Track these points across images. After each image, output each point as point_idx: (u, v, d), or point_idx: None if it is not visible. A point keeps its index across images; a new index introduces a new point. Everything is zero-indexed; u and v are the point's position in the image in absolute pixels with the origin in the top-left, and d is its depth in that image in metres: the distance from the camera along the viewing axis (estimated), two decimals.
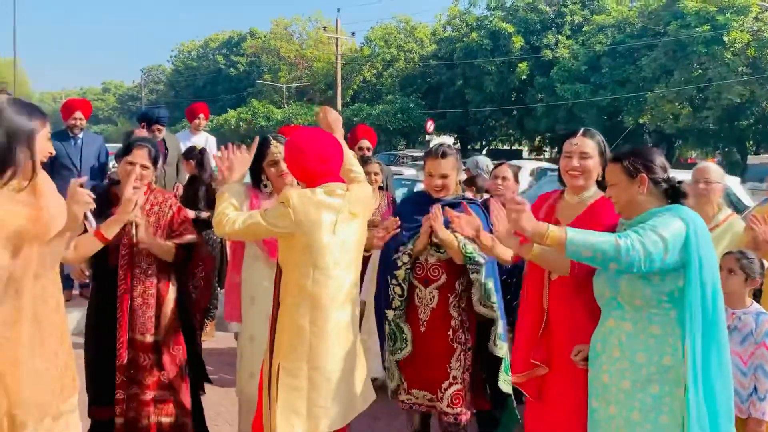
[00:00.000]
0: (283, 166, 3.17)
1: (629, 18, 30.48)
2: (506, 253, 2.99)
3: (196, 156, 5.66)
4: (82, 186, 2.32)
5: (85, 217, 2.27)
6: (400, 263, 3.33)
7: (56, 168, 5.83)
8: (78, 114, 6.05)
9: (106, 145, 6.33)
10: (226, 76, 57.63)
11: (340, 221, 2.71)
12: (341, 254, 2.72)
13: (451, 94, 36.42)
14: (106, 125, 69.10)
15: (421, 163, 3.91)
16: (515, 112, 34.98)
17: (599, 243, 2.23)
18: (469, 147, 38.47)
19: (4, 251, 1.97)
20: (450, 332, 3.33)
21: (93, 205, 2.31)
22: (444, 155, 3.32)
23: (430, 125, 32.65)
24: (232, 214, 2.72)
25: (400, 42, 41.63)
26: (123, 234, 3.12)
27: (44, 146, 2.22)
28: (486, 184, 4.44)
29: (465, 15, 36.72)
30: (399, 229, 3.25)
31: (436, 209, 3.19)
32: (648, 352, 2.32)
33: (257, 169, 3.33)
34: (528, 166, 15.88)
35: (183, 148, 6.23)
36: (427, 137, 34.13)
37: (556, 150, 38.23)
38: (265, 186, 3.38)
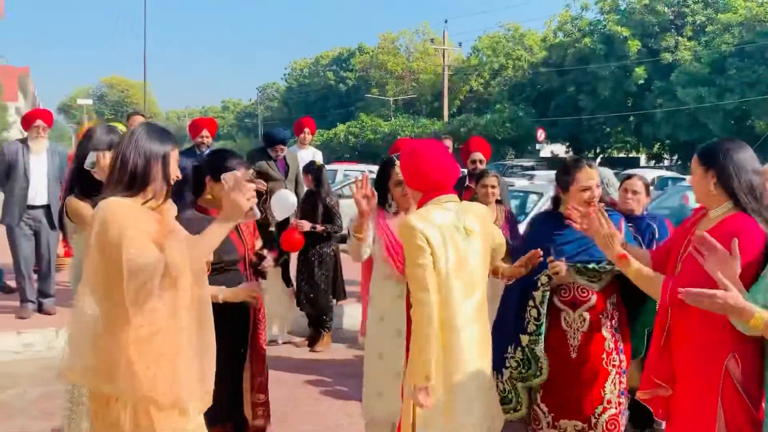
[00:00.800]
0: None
1: (759, 15, 28.74)
2: None
3: (314, 171, 5.85)
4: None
5: (250, 207, 2.25)
6: (539, 284, 3.17)
7: (186, 185, 6.41)
8: (205, 132, 6.31)
9: None
10: (335, 91, 59.59)
11: (457, 238, 2.66)
12: (464, 272, 2.66)
13: (562, 101, 35.83)
14: (225, 141, 73.34)
15: (532, 173, 3.77)
16: (632, 118, 33.85)
17: None
18: (582, 155, 37.44)
19: (153, 245, 2.12)
20: (604, 355, 3.16)
21: (255, 200, 2.31)
22: (590, 165, 3.20)
23: (540, 134, 32.24)
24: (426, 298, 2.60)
25: (509, 50, 41.45)
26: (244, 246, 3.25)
27: (174, 169, 2.34)
28: (608, 197, 4.06)
29: (577, 20, 36.12)
30: (540, 258, 3.04)
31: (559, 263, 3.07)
32: None
33: (382, 189, 3.35)
34: (648, 175, 15.40)
35: None
36: (538, 146, 33.75)
37: (677, 157, 36.49)
38: (390, 206, 3.38)
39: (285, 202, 5.12)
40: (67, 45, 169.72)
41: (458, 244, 2.64)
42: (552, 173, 20.04)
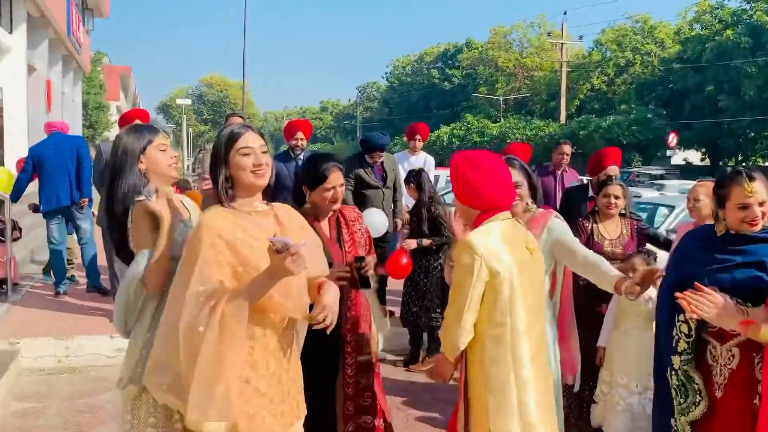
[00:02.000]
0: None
1: None
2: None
3: (414, 179, 5.84)
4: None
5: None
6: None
7: (278, 188, 6.52)
8: (299, 135, 6.46)
9: None
10: (440, 90, 59.78)
11: (523, 259, 2.70)
12: (531, 296, 2.71)
13: (699, 101, 34.06)
14: (323, 143, 75.34)
15: (662, 182, 3.60)
16: None
17: None
18: (721, 163, 35.51)
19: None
20: (756, 400, 2.88)
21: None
22: (752, 178, 2.84)
23: (672, 138, 30.78)
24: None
25: (636, 44, 39.99)
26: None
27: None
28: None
29: (717, 10, 34.24)
30: (660, 275, 2.98)
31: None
32: None
33: None
34: None
35: (401, 169, 6.71)
36: (669, 152, 32.24)
37: None
38: None
39: (373, 225, 5.12)
40: (167, 44, 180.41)
41: (525, 264, 2.69)
42: (685, 183, 19.17)
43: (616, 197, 4.50)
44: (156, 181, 2.67)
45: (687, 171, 32.78)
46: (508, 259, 2.67)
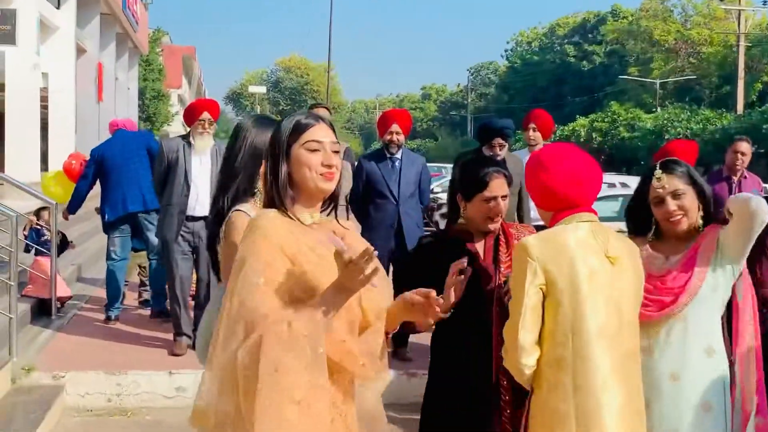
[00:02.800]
0: (670, 205, 3.18)
1: None
2: None
3: None
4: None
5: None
6: None
7: (370, 194, 6.53)
8: (395, 128, 6.48)
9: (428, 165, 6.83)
10: (576, 71, 58.95)
11: (596, 266, 2.77)
12: (606, 315, 2.76)
13: None
14: (423, 140, 75.71)
15: None
16: None
17: None
18: None
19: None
20: None
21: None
22: None
23: None
24: None
25: None
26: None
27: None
28: None
29: None
30: None
31: None
32: None
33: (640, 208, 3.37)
34: None
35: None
36: None
37: None
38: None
39: None
40: (238, 21, 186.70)
41: (600, 275, 2.76)
42: None
43: None
44: None
45: None
46: (576, 268, 2.74)
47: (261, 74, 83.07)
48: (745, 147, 6.83)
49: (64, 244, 7.95)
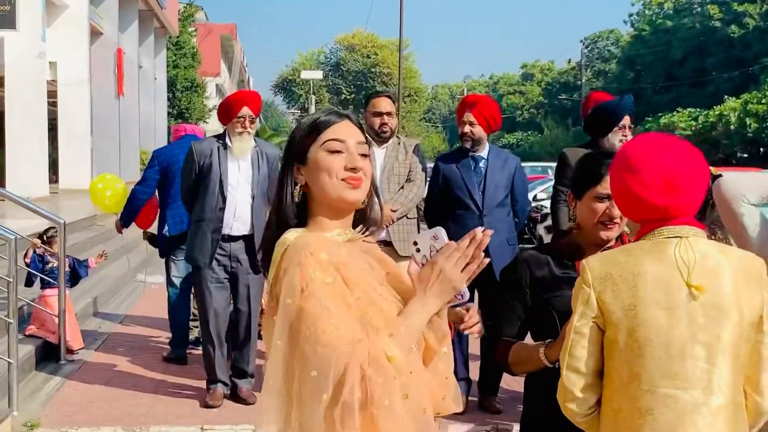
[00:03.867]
0: None
1: None
2: None
3: None
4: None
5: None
6: None
7: (451, 203, 6.63)
8: (467, 117, 6.57)
9: (529, 165, 6.85)
10: (724, 38, 56.75)
11: (674, 300, 2.77)
12: (679, 356, 2.77)
13: None
14: (524, 132, 75.12)
15: None
16: None
17: None
18: None
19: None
20: None
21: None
22: None
23: None
24: None
25: None
26: None
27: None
28: None
29: None
30: None
31: None
32: None
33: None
34: None
35: None
36: None
37: None
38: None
39: None
40: None
41: (675, 309, 2.75)
42: None
43: None
44: None
45: None
46: (631, 296, 2.78)
47: (318, 56, 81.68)
48: None
49: (75, 274, 8.00)
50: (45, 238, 7.87)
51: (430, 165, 6.86)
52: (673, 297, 2.77)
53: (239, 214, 6.30)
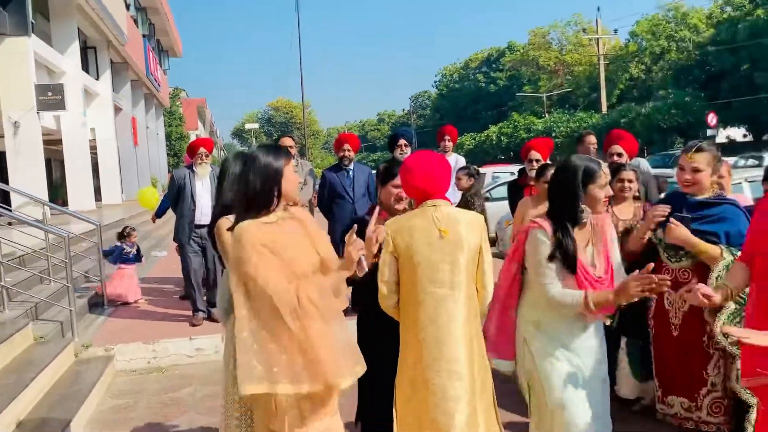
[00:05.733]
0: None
1: None
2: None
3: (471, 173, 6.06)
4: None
5: (359, 261, 2.43)
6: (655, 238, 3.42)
7: (333, 197, 6.56)
8: (346, 146, 6.58)
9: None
10: (486, 93, 59.24)
11: (431, 239, 2.82)
12: (430, 271, 2.80)
13: (736, 81, 32.61)
14: (383, 152, 75.70)
15: None
16: None
17: None
18: (764, 138, 33.89)
19: (280, 276, 2.29)
20: (705, 338, 3.23)
21: (365, 252, 2.47)
22: (699, 150, 3.30)
23: (712, 118, 29.56)
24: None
25: (670, 32, 38.61)
26: None
27: (292, 177, 2.48)
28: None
29: None
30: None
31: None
32: None
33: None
34: None
35: None
36: (710, 132, 31.01)
37: None
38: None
39: None
40: (236, 75, 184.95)
41: (432, 244, 2.80)
42: (727, 160, 18.70)
43: (629, 181, 4.47)
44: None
45: (729, 148, 31.47)
46: (414, 238, 2.83)
47: (257, 114, 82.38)
48: (592, 139, 6.77)
49: (138, 255, 7.96)
50: (124, 234, 7.90)
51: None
52: (431, 237, 2.86)
53: (204, 211, 6.31)
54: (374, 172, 5.27)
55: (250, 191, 2.39)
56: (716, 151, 3.37)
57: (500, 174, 16.19)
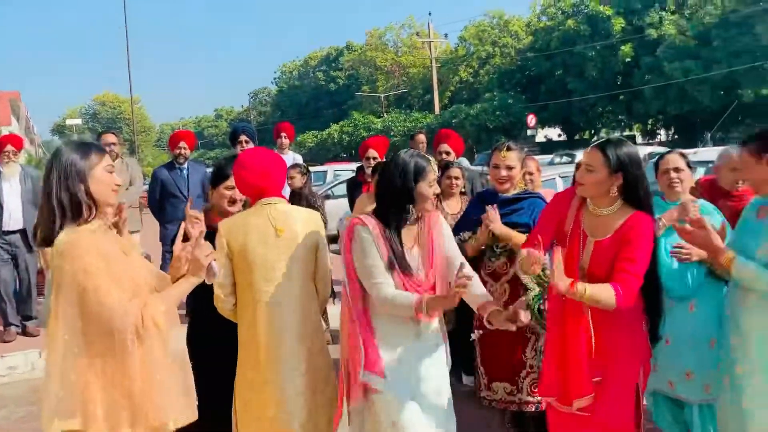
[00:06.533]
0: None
1: None
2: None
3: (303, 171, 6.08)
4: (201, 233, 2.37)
5: (209, 266, 2.30)
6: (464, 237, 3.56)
7: (165, 196, 6.35)
8: (182, 144, 6.39)
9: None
10: (326, 91, 59.63)
11: (267, 238, 2.78)
12: (266, 271, 2.76)
13: (552, 85, 35.79)
14: (221, 150, 73.43)
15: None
16: (622, 97, 33.79)
17: (762, 284, 2.62)
18: (576, 137, 37.51)
19: (116, 291, 2.07)
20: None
21: (215, 257, 2.37)
22: (509, 148, 3.53)
23: (531, 119, 32.21)
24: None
25: (495, 38, 41.39)
26: None
27: (104, 178, 2.21)
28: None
29: (559, 2, 36.04)
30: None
31: (491, 209, 3.38)
32: None
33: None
34: (639, 151, 15.03)
35: None
36: (530, 132, 33.74)
37: (672, 132, 36.38)
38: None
39: None
40: (58, 67, 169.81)
41: (267, 243, 2.76)
42: (544, 157, 20.40)
43: (456, 177, 4.77)
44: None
45: (547, 147, 34.48)
46: (248, 237, 2.77)
47: (80, 109, 76.31)
48: (422, 137, 7.01)
49: None
50: None
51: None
52: (267, 236, 2.80)
53: (14, 216, 5.77)
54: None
55: (56, 195, 2.11)
56: (522, 148, 3.66)
57: (341, 172, 16.44)
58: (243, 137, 6.04)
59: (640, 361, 2.68)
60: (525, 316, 2.53)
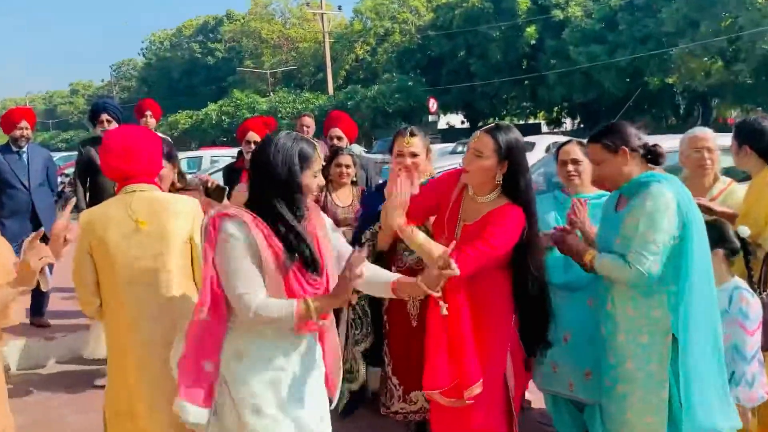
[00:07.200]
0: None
1: None
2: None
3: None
4: (45, 237, 2.31)
5: (42, 271, 2.26)
6: (363, 239, 3.51)
7: (1, 186, 5.97)
8: (24, 124, 6.07)
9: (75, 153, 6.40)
10: (203, 65, 57.90)
11: (126, 231, 2.72)
12: (129, 269, 2.71)
13: (454, 66, 36.58)
14: (76, 130, 69.58)
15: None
16: (526, 82, 35.11)
17: (620, 275, 2.79)
18: (480, 124, 38.52)
19: None
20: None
21: (53, 261, 2.29)
22: (413, 134, 3.50)
23: (432, 104, 32.76)
24: None
25: (394, 12, 41.76)
26: None
27: None
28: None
29: None
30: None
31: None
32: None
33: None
34: (542, 141, 15.64)
35: None
36: (431, 117, 34.36)
37: (578, 121, 38.18)
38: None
39: None
40: None
41: (130, 237, 2.70)
42: (446, 146, 20.59)
43: (347, 166, 4.69)
44: None
45: (449, 134, 35.23)
46: (108, 231, 2.71)
47: None
48: (308, 120, 6.58)
49: None
50: None
51: None
52: (128, 229, 2.72)
53: None
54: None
55: None
56: (426, 134, 3.62)
57: (219, 158, 16.01)
58: (105, 116, 5.65)
59: (507, 348, 2.96)
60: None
